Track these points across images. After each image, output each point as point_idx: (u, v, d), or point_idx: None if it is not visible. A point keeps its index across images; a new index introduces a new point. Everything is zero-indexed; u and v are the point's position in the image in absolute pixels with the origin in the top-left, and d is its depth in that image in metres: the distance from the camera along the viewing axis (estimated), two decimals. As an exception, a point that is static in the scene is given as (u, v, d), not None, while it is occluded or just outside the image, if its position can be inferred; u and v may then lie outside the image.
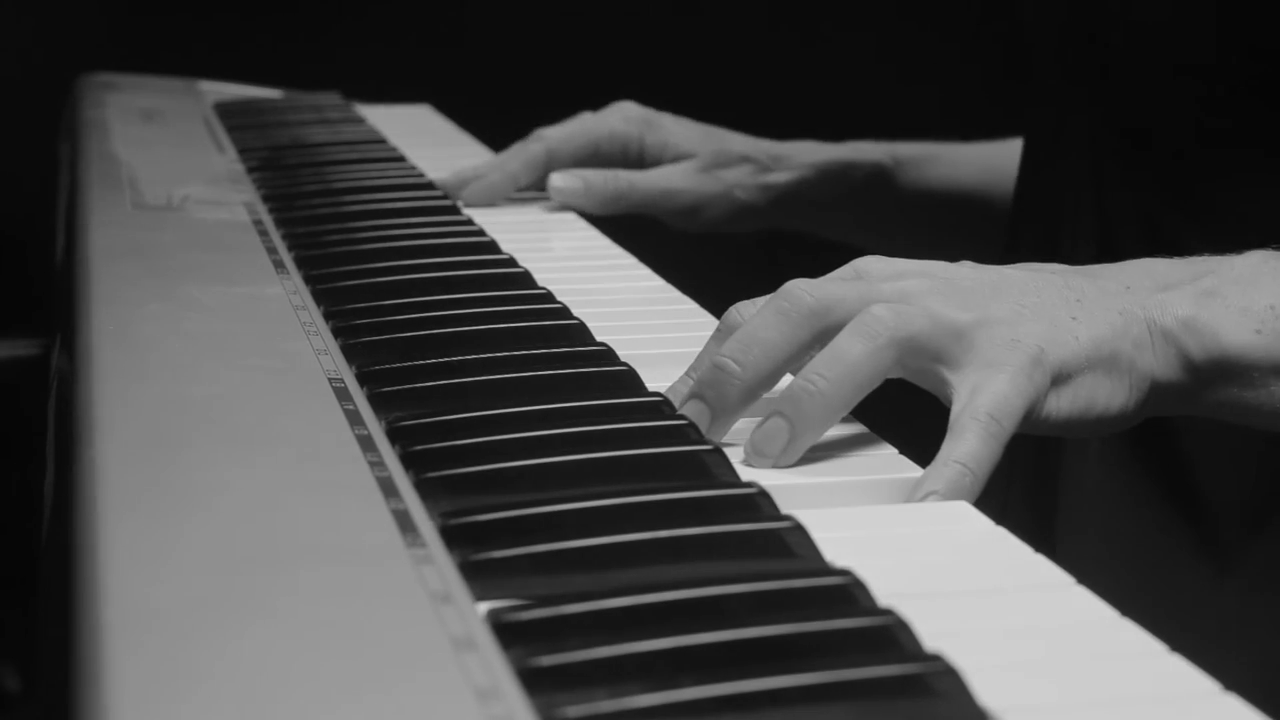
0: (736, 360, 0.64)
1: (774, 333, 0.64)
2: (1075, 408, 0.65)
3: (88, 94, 1.36)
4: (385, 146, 1.24)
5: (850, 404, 0.63)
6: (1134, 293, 0.67)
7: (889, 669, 0.45)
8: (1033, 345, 0.63)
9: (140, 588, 0.46)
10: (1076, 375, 0.65)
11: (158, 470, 0.55)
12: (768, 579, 0.50)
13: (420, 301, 0.79)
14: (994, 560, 0.54)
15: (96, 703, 0.40)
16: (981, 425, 0.61)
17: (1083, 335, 0.65)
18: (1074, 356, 0.64)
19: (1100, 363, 0.65)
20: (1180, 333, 0.66)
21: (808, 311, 0.64)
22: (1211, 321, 0.67)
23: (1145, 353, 0.66)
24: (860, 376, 0.62)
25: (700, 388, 0.64)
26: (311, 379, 0.66)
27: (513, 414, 0.63)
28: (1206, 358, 0.67)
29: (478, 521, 0.54)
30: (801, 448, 0.62)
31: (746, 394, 0.64)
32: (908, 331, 0.63)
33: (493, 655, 0.44)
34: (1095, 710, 0.44)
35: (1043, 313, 0.65)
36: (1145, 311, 0.67)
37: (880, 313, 0.63)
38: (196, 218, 0.95)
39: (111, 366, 0.66)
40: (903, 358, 0.63)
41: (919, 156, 1.19)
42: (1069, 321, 0.65)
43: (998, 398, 0.62)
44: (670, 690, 0.43)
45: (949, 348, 0.63)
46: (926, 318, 0.63)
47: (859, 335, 0.63)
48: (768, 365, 0.64)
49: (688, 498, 0.56)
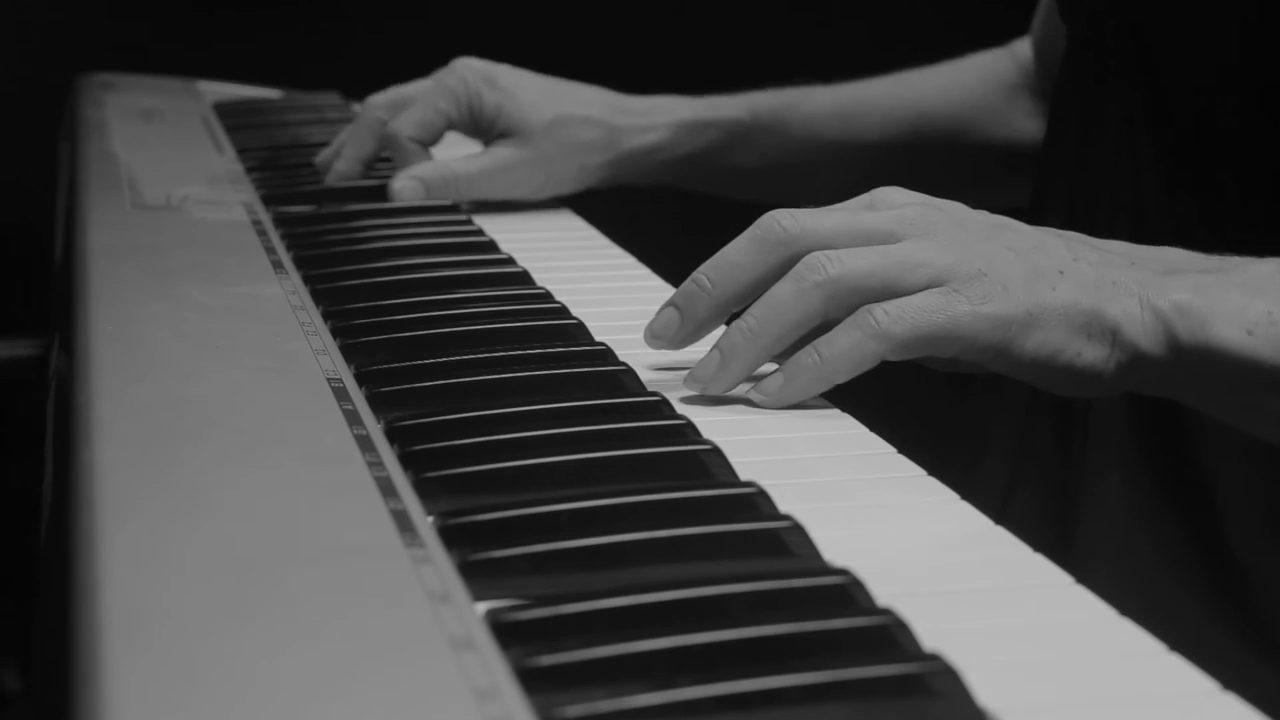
0: (710, 278, 0.69)
1: (744, 257, 0.69)
2: (1041, 351, 0.67)
3: (87, 94, 1.36)
4: (384, 147, 1.24)
5: (779, 343, 0.68)
6: (1137, 268, 0.69)
7: (888, 669, 0.45)
8: (998, 281, 0.66)
9: (139, 588, 0.46)
10: (1048, 321, 0.67)
11: (157, 470, 0.56)
12: (766, 578, 0.50)
13: (419, 301, 0.79)
14: (993, 560, 0.54)
15: (96, 703, 0.40)
16: (858, 322, 0.66)
17: (1061, 288, 0.67)
18: (1048, 301, 0.67)
19: (1075, 317, 0.67)
20: (1172, 314, 0.67)
21: (775, 240, 0.68)
22: (1204, 311, 0.67)
23: (1134, 325, 0.67)
24: (787, 317, 0.67)
25: (676, 297, 0.70)
26: (310, 379, 0.66)
27: (511, 414, 0.63)
28: (1193, 344, 0.67)
29: (476, 521, 0.54)
30: (730, 378, 0.68)
31: (715, 308, 0.70)
32: (837, 272, 0.66)
33: (491, 655, 0.44)
34: (1094, 710, 0.44)
35: (1029, 259, 0.67)
36: (1142, 288, 0.68)
37: (812, 259, 0.67)
38: (195, 218, 0.95)
39: (110, 366, 0.66)
40: (839, 299, 0.66)
41: (778, 106, 1.15)
42: (1054, 274, 0.67)
43: (902, 304, 0.65)
44: (669, 690, 0.43)
45: (903, 278, 0.66)
46: (865, 265, 0.66)
47: (790, 280, 0.67)
48: (735, 286, 0.69)
49: (686, 497, 0.56)
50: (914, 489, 0.61)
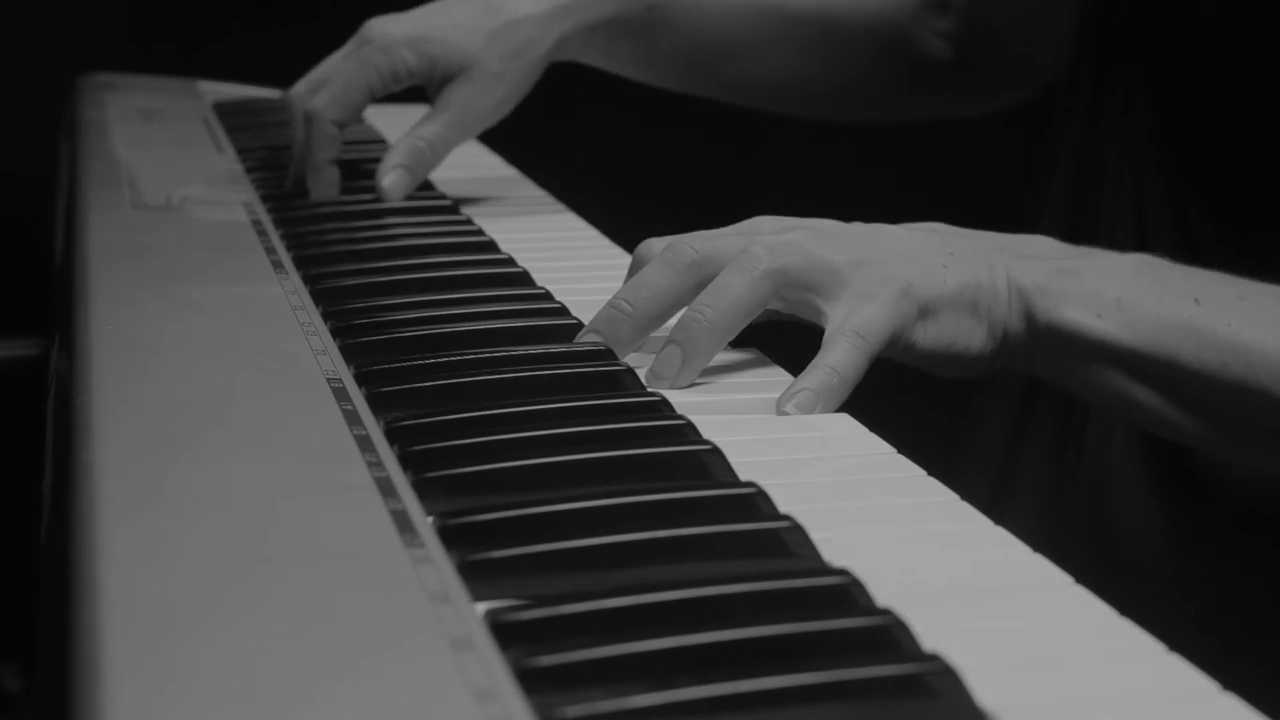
0: (628, 301, 0.72)
1: (661, 279, 0.72)
2: (940, 341, 0.72)
3: (87, 94, 1.36)
4: (384, 146, 1.24)
5: (733, 331, 0.71)
6: (1004, 253, 0.74)
7: (887, 669, 0.45)
8: (902, 279, 0.71)
9: (139, 588, 0.46)
10: (942, 311, 0.72)
11: (156, 471, 0.55)
12: (766, 579, 0.50)
13: (419, 301, 0.80)
14: (993, 560, 0.54)
15: (96, 703, 0.40)
16: (848, 339, 0.69)
17: (949, 279, 0.72)
18: (941, 294, 0.71)
19: (964, 305, 0.72)
20: (1032, 294, 0.72)
21: (690, 262, 0.72)
22: (1059, 293, 0.72)
23: (1001, 304, 0.72)
24: (741, 306, 0.70)
25: (597, 323, 0.73)
26: (310, 379, 0.66)
27: (511, 413, 0.63)
28: (1046, 323, 0.72)
29: (476, 521, 0.54)
30: (694, 369, 0.70)
31: (636, 330, 0.72)
32: (781, 263, 0.70)
33: (491, 655, 0.44)
34: (1095, 710, 0.44)
35: (916, 258, 0.72)
36: (1009, 270, 0.73)
37: (757, 250, 0.71)
38: (195, 218, 0.95)
39: (110, 366, 0.66)
40: (779, 289, 0.70)
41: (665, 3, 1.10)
42: (939, 268, 0.72)
43: (866, 319, 0.70)
44: (669, 690, 0.43)
45: (823, 281, 0.70)
46: (800, 254, 0.71)
47: (738, 269, 0.70)
48: (655, 306, 0.72)
49: (686, 497, 0.56)
50: (913, 490, 0.61)
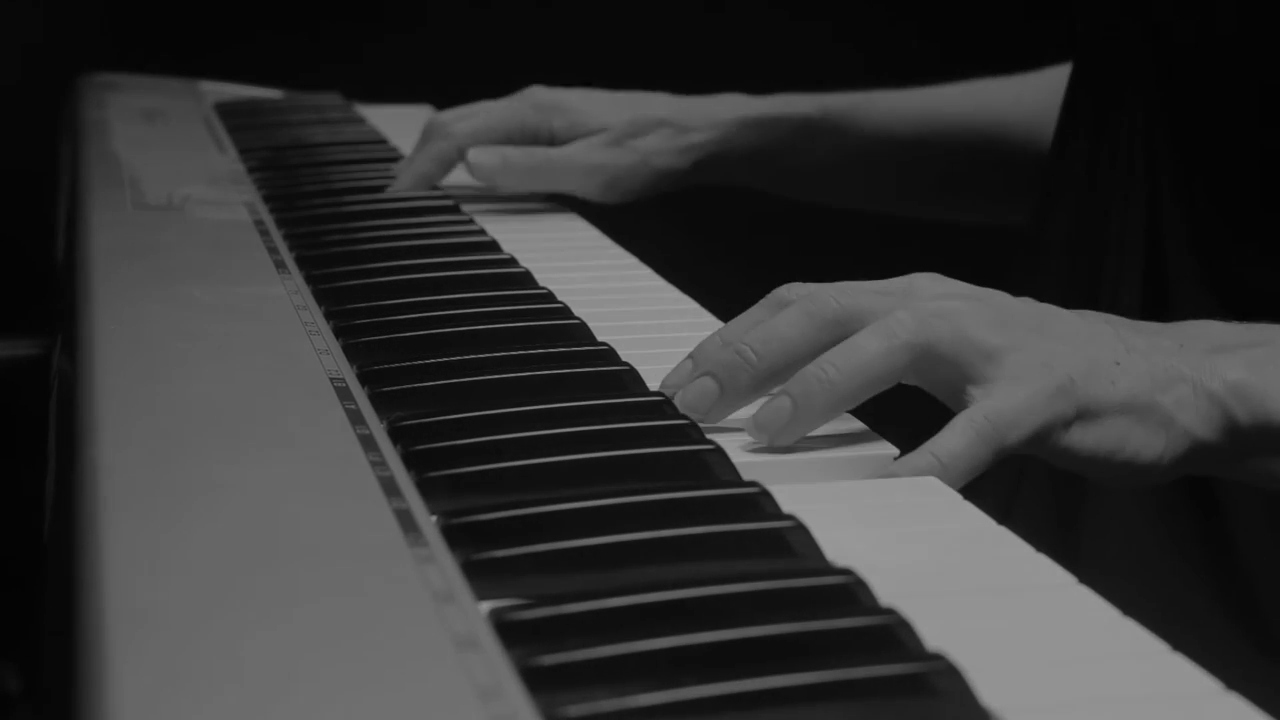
0: (755, 349, 0.65)
1: (794, 331, 0.65)
2: (1101, 448, 0.65)
3: (88, 94, 1.36)
4: (385, 147, 1.24)
5: (857, 398, 0.64)
6: (1186, 351, 0.67)
7: (891, 668, 0.45)
8: (1063, 373, 0.64)
9: (142, 588, 0.46)
10: (1107, 416, 0.64)
11: (159, 470, 0.56)
12: (769, 578, 0.50)
13: (421, 301, 0.79)
14: (995, 559, 0.54)
15: (98, 703, 0.40)
16: (974, 426, 0.62)
17: (1121, 381, 0.65)
18: (1107, 397, 0.64)
19: (1135, 410, 0.65)
20: (1227, 397, 0.66)
21: (832, 318, 0.65)
22: (1261, 387, 0.66)
23: (1188, 412, 0.66)
24: (871, 373, 0.63)
25: (715, 367, 0.65)
26: (313, 379, 0.66)
27: (514, 414, 0.63)
28: (1253, 423, 0.66)
29: (480, 521, 0.54)
30: (801, 430, 0.63)
31: (756, 382, 0.65)
32: (927, 339, 0.63)
33: (495, 654, 0.44)
34: (1098, 709, 0.44)
35: (1086, 351, 0.65)
36: (1194, 372, 0.66)
37: (903, 316, 0.64)
38: (197, 218, 0.95)
39: (113, 366, 0.66)
40: (919, 364, 0.64)
41: (850, 106, 1.14)
42: (1111, 366, 0.65)
43: (1004, 406, 0.62)
44: (672, 689, 0.43)
45: (975, 363, 0.64)
46: (952, 330, 0.64)
47: (877, 333, 0.63)
48: (783, 359, 0.65)
49: (689, 497, 0.56)
50: (917, 489, 0.61)
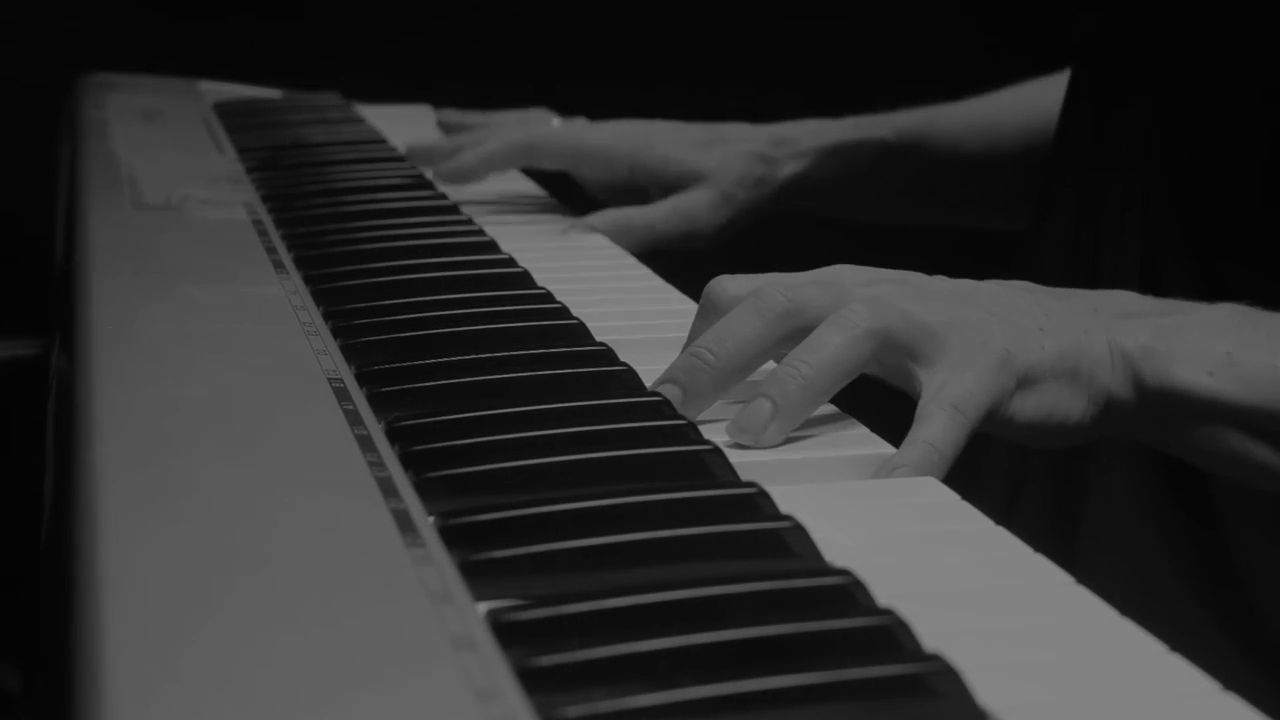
0: (711, 350, 0.67)
1: (748, 328, 0.67)
2: (1038, 412, 0.68)
3: (88, 94, 1.36)
4: (385, 146, 1.24)
5: (831, 391, 0.66)
6: (1099, 315, 0.70)
7: (889, 669, 0.45)
8: (1000, 347, 0.66)
9: (139, 588, 0.46)
10: (1041, 381, 0.67)
11: (157, 470, 0.56)
12: (767, 579, 0.50)
13: (420, 301, 0.79)
14: (994, 560, 0.54)
15: (96, 702, 0.40)
16: (946, 413, 0.64)
17: (1049, 345, 0.68)
18: (1040, 362, 0.67)
19: (1064, 373, 0.68)
20: (1138, 357, 0.69)
21: (781, 311, 0.67)
22: (1167, 353, 0.69)
23: (1104, 369, 0.69)
24: (840, 365, 0.65)
25: (675, 372, 0.67)
26: (311, 379, 0.66)
27: (512, 414, 0.63)
28: (1158, 386, 0.69)
29: (477, 521, 0.54)
30: (783, 429, 0.65)
31: (718, 381, 0.67)
32: (882, 324, 0.65)
33: (492, 655, 0.44)
34: (1095, 710, 0.44)
35: (1012, 321, 0.68)
36: (1108, 332, 0.69)
37: (857, 307, 0.66)
38: (196, 218, 0.95)
39: (111, 366, 0.66)
40: (878, 351, 0.66)
41: (918, 123, 1.14)
42: (1036, 332, 0.68)
43: (963, 390, 0.65)
44: (670, 690, 0.43)
45: (920, 344, 0.66)
46: (899, 314, 0.66)
47: (838, 327, 0.65)
48: (740, 357, 0.67)
49: (687, 498, 0.56)
50: (915, 490, 0.61)
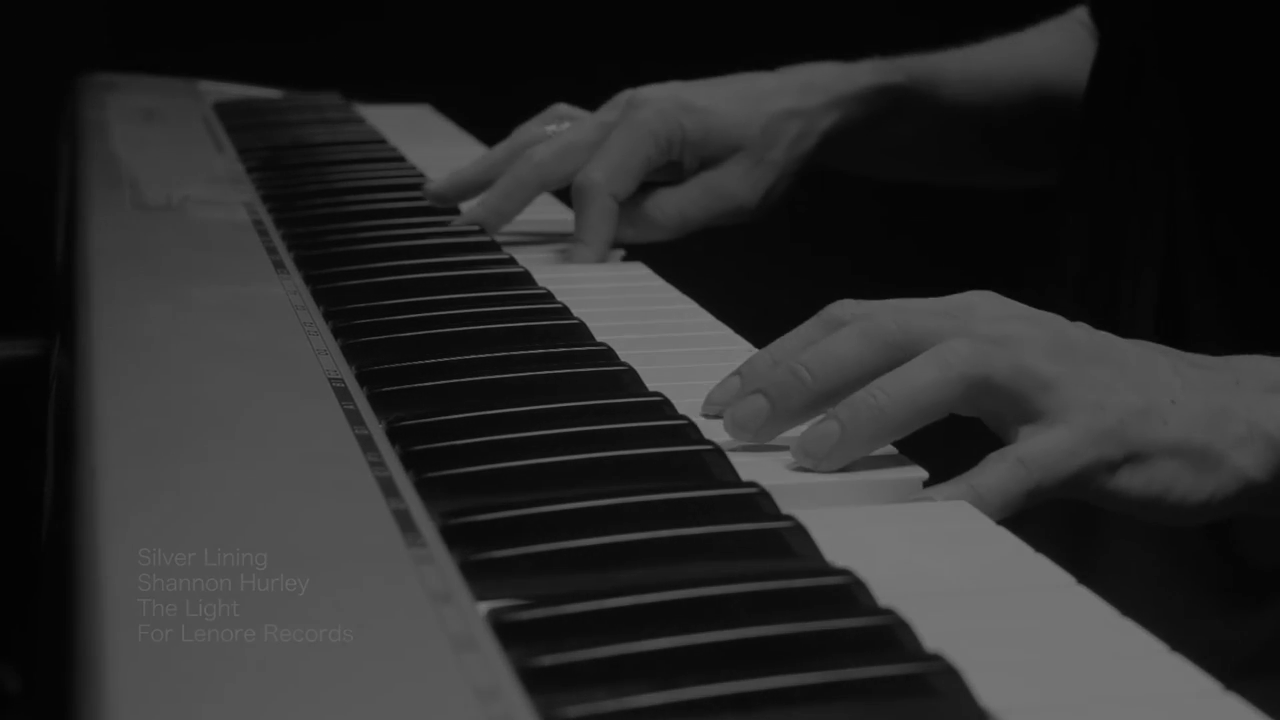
0: (810, 370, 0.63)
1: (851, 352, 0.63)
2: (1149, 491, 0.63)
3: (88, 94, 1.36)
4: (385, 146, 1.24)
5: (907, 427, 0.62)
6: (1242, 390, 0.65)
7: (889, 669, 0.45)
8: (1115, 414, 0.62)
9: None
10: (1157, 459, 0.63)
11: (157, 470, 0.55)
12: (768, 579, 0.50)
13: (420, 301, 0.79)
14: (994, 560, 0.54)
15: (96, 703, 0.40)
16: (1008, 465, 0.61)
17: (1174, 421, 0.63)
18: (1159, 440, 0.62)
19: (1187, 453, 0.63)
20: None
21: (889, 340, 0.63)
22: None
23: (1242, 453, 0.64)
24: (922, 401, 0.61)
25: (767, 385, 0.64)
26: (311, 379, 0.66)
27: (513, 414, 0.63)
28: None
29: (478, 521, 0.54)
30: (848, 455, 0.62)
31: (810, 403, 0.63)
32: (983, 371, 0.61)
33: (493, 655, 0.44)
34: (1096, 710, 0.44)
35: (1141, 388, 0.63)
36: (1250, 412, 0.64)
37: (959, 345, 0.62)
38: (196, 218, 0.95)
39: (111, 367, 0.66)
40: (974, 396, 0.62)
41: (926, 71, 1.08)
42: (1166, 404, 0.63)
43: (1043, 448, 0.61)
44: (671, 690, 0.43)
45: (1028, 395, 0.62)
46: (1009, 361, 0.62)
47: (932, 362, 0.62)
48: (839, 381, 0.63)
49: (688, 497, 0.56)
50: (916, 490, 0.61)
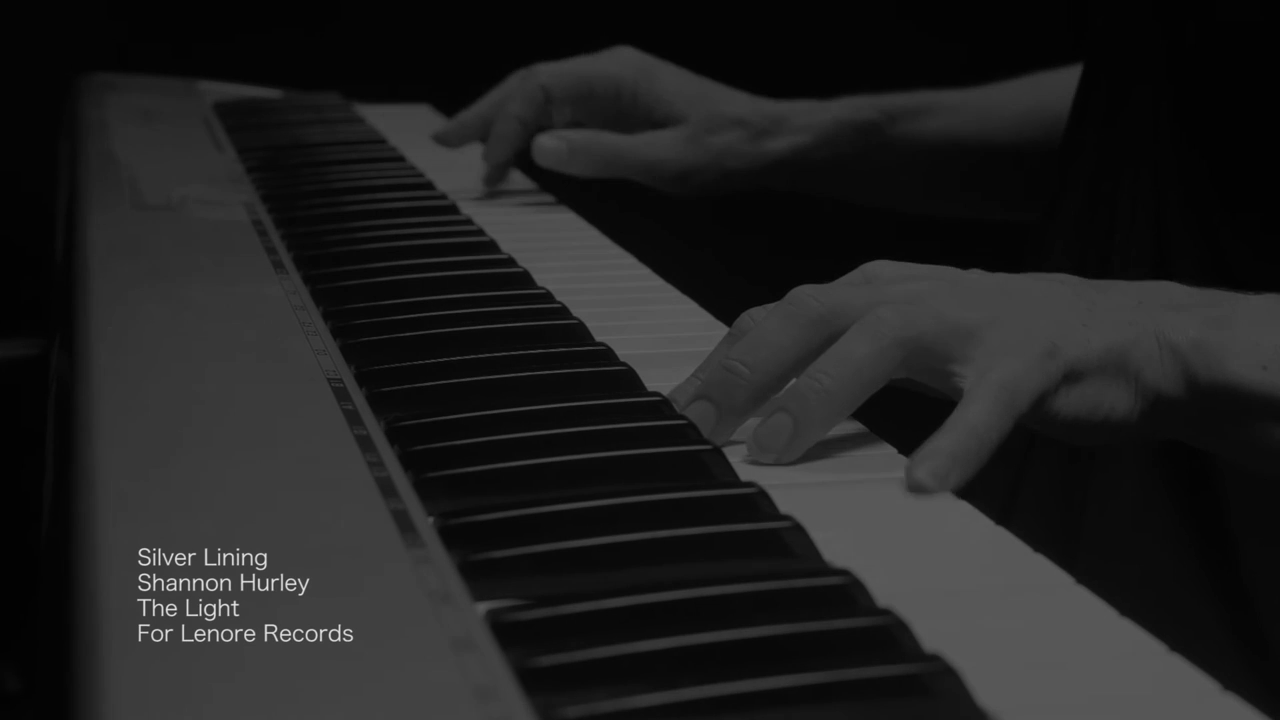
0: (744, 362, 0.64)
1: (782, 336, 0.64)
2: (1083, 407, 0.65)
3: (88, 94, 1.36)
4: (385, 146, 1.24)
5: (855, 403, 0.63)
6: (1145, 308, 0.67)
7: (888, 669, 0.45)
8: (1045, 338, 0.63)
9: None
10: (1087, 376, 0.65)
11: (156, 470, 0.55)
12: (767, 579, 0.50)
13: (419, 301, 0.79)
14: (994, 560, 0.54)
15: (96, 703, 0.40)
16: (992, 393, 0.61)
17: (1094, 339, 0.65)
18: (1086, 356, 0.64)
19: (1110, 367, 0.65)
20: (1189, 352, 0.66)
21: (815, 316, 0.64)
22: (1219, 347, 0.66)
23: (1153, 365, 0.66)
24: (865, 376, 0.62)
25: (707, 389, 0.64)
26: (310, 379, 0.66)
27: (512, 414, 0.63)
28: (1210, 382, 0.66)
29: (477, 522, 0.54)
30: (805, 444, 0.62)
31: (754, 396, 0.64)
32: (914, 331, 0.63)
33: (492, 655, 0.44)
34: (1095, 710, 0.44)
35: (1054, 314, 0.65)
36: (1156, 326, 0.66)
37: (885, 314, 0.63)
38: (196, 218, 0.95)
39: (110, 366, 0.66)
40: (909, 358, 0.63)
41: (913, 109, 1.15)
42: (1080, 326, 0.65)
43: (1011, 374, 0.62)
44: (669, 690, 0.43)
45: (957, 347, 0.63)
46: (933, 318, 0.63)
47: (864, 335, 0.63)
48: (776, 368, 0.64)
49: (687, 498, 0.56)
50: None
